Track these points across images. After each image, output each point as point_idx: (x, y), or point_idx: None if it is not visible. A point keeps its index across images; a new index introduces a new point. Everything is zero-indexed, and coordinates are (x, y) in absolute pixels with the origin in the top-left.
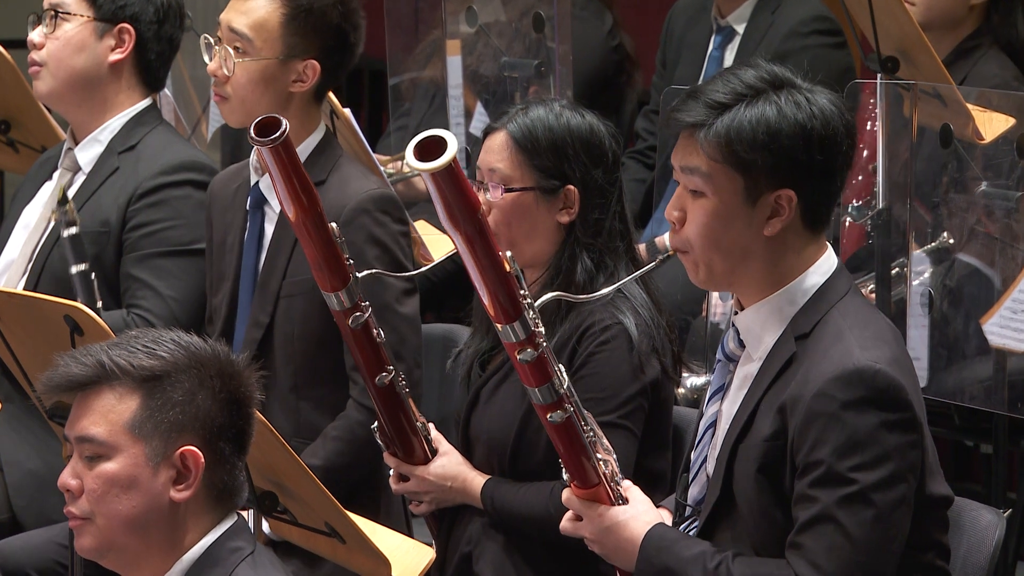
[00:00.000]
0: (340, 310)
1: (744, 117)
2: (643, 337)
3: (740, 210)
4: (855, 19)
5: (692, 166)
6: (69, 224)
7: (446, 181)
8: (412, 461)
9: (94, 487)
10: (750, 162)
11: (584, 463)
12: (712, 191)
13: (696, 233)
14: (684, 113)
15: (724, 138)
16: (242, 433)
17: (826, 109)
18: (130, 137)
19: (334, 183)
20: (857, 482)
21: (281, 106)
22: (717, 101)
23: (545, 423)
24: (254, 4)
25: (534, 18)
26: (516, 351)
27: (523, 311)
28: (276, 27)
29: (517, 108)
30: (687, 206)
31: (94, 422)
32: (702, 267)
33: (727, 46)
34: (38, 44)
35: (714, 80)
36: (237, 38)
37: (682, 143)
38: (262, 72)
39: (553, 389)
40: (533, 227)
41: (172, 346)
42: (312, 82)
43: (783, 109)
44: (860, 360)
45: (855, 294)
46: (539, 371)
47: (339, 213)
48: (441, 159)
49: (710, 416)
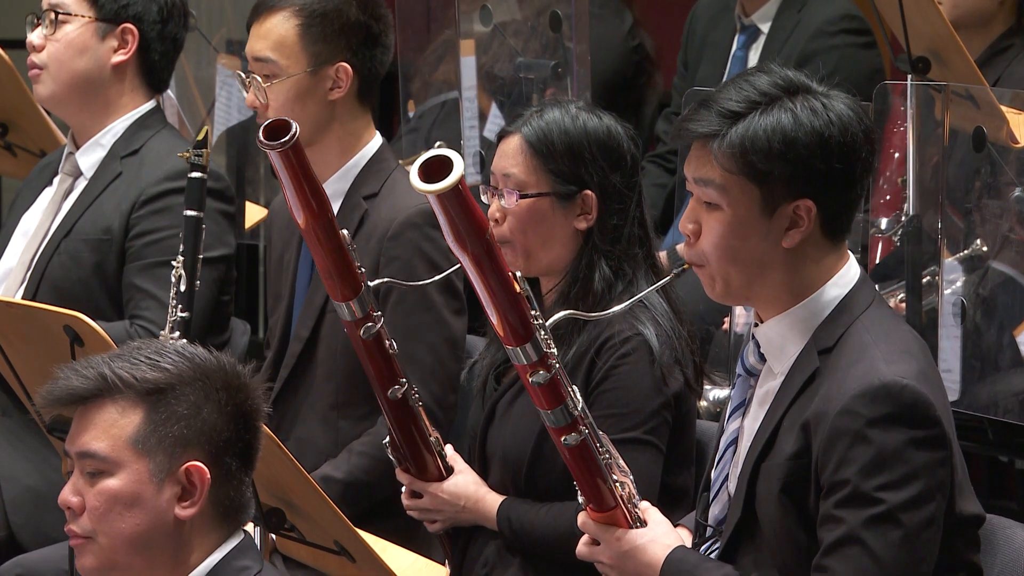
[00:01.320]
0: (351, 320)
1: (759, 126)
2: (664, 348)
3: (757, 222)
4: (884, 18)
5: (706, 178)
6: (197, 168)
7: (452, 203)
8: (425, 478)
9: (96, 504)
10: (766, 173)
11: (600, 486)
12: (727, 203)
13: (712, 246)
14: (696, 123)
15: (738, 148)
16: (249, 447)
17: (844, 115)
18: (133, 141)
19: (386, 196)
20: (884, 502)
21: (325, 117)
22: (730, 110)
23: (559, 446)
24: (269, 26)
25: (551, 17)
26: (528, 373)
27: (534, 332)
28: (295, 41)
29: (532, 111)
30: (702, 218)
31: (96, 437)
32: (719, 281)
33: (751, 46)
34: (38, 46)
35: (726, 87)
36: (263, 64)
37: (695, 154)
38: (295, 89)
39: (567, 411)
40: (549, 234)
41: (176, 357)
42: (349, 85)
43: (799, 116)
44: (886, 375)
45: (880, 305)
46: (552, 393)
47: (388, 227)
48: (447, 180)
49: (731, 433)
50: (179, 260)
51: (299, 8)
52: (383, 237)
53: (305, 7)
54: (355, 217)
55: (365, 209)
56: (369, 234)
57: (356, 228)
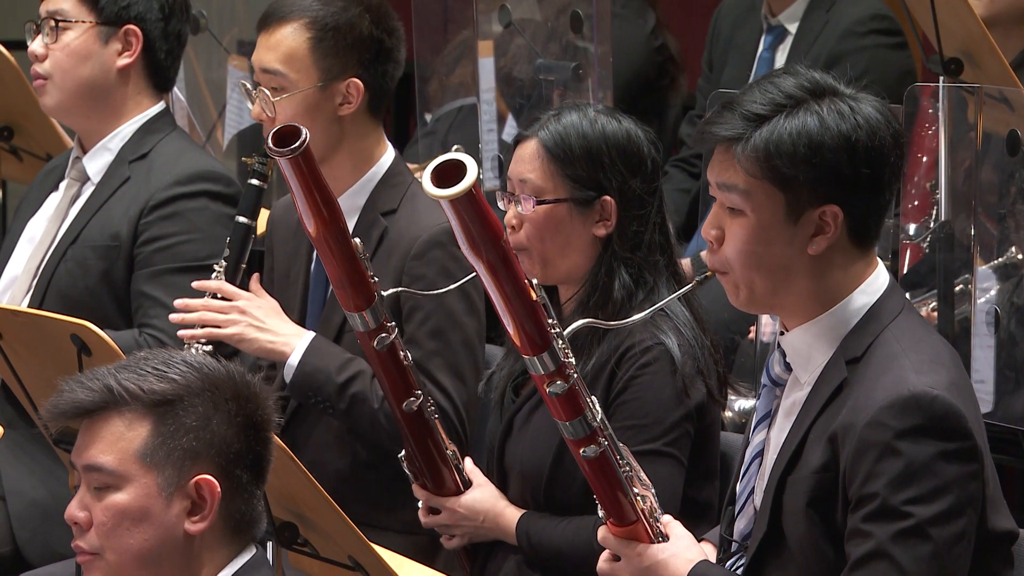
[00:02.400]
0: (365, 331)
1: (784, 129)
2: (686, 358)
3: (782, 228)
4: (915, 18)
5: (729, 183)
6: (259, 176)
7: (466, 208)
8: (443, 493)
9: (103, 520)
10: (791, 178)
11: (621, 499)
12: (751, 209)
13: (735, 253)
14: (719, 126)
15: (763, 152)
16: (260, 459)
17: (872, 118)
18: (142, 145)
19: (405, 212)
20: (913, 516)
21: (335, 133)
22: (754, 112)
23: (578, 458)
24: (279, 37)
25: (571, 17)
26: (545, 384)
27: (551, 341)
28: (306, 55)
29: (549, 114)
30: (725, 224)
31: (103, 450)
32: (743, 288)
33: (778, 47)
34: (40, 56)
35: (751, 90)
36: (271, 76)
37: (718, 158)
38: (304, 104)
39: (586, 423)
40: (567, 241)
41: (184, 368)
42: (360, 101)
43: (825, 119)
44: (916, 386)
45: (910, 313)
46: (570, 404)
47: (411, 245)
48: (460, 185)
49: (756, 445)
50: (221, 265)
51: (311, 20)
52: (406, 255)
53: (317, 20)
54: (374, 234)
55: (384, 226)
56: (390, 251)
57: (376, 245)
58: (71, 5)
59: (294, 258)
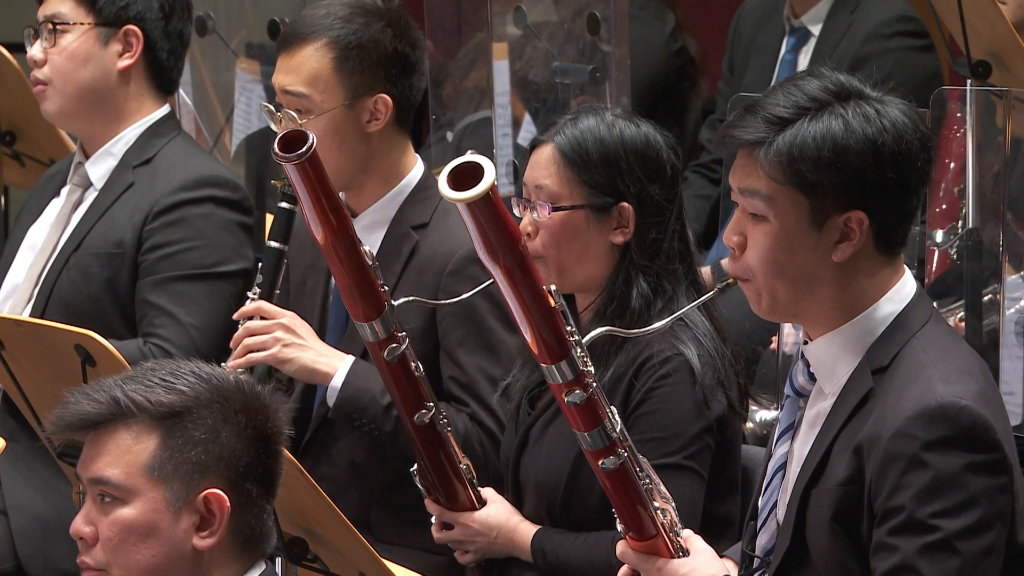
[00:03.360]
0: (374, 341)
1: (808, 133)
2: (706, 369)
3: (805, 235)
4: (942, 20)
5: (751, 188)
6: (288, 199)
7: (483, 212)
8: (456, 508)
9: (110, 535)
10: (815, 183)
11: (640, 512)
12: (774, 215)
13: (758, 260)
14: (741, 130)
15: (786, 157)
16: (270, 473)
17: (898, 121)
18: (146, 149)
19: (438, 227)
20: (940, 529)
21: (364, 150)
22: (777, 116)
23: (596, 470)
24: (301, 59)
25: (588, 19)
26: (563, 393)
27: (570, 349)
28: (330, 75)
29: (565, 119)
30: (747, 230)
31: (109, 463)
32: (765, 296)
33: (801, 49)
34: (39, 61)
35: (774, 92)
36: (295, 99)
37: (740, 162)
38: (331, 124)
39: (605, 433)
40: (584, 249)
41: (192, 379)
42: (388, 116)
43: (851, 123)
44: (943, 396)
45: (937, 322)
46: (589, 414)
47: (446, 261)
48: (477, 188)
49: (779, 457)
50: (255, 292)
51: (333, 40)
52: (441, 272)
53: (340, 39)
54: (404, 248)
55: (416, 240)
56: (423, 267)
57: (407, 259)
58: (68, 8)
59: (312, 270)
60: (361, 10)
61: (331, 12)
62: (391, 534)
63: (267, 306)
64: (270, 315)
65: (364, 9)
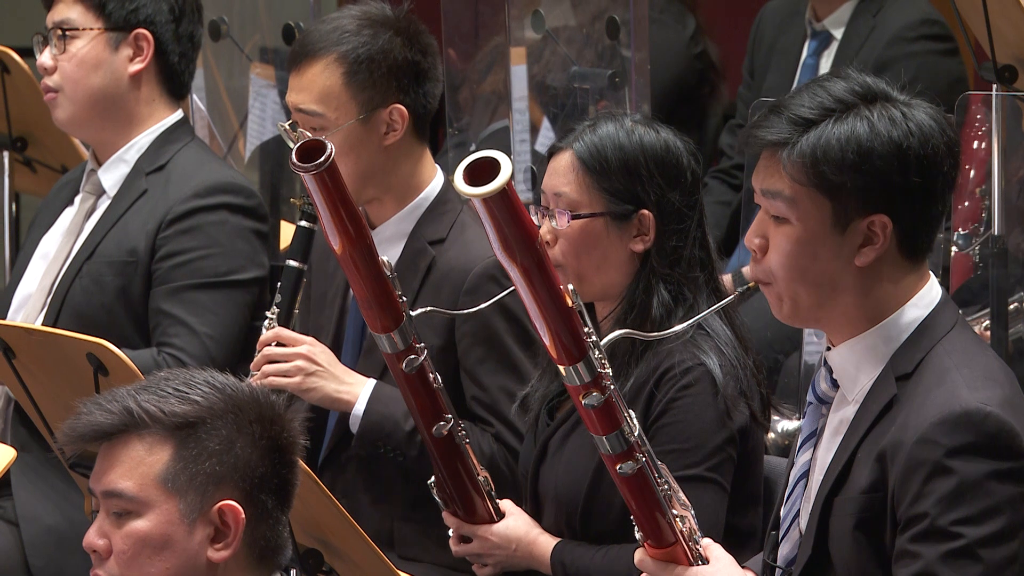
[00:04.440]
0: (392, 353)
1: (832, 135)
2: (728, 379)
3: (828, 238)
4: (967, 23)
5: (774, 189)
6: (308, 218)
7: (499, 208)
8: (474, 520)
9: (123, 548)
10: (839, 185)
11: (659, 519)
12: (797, 217)
13: (779, 263)
14: (765, 130)
15: (810, 158)
16: (285, 484)
17: (925, 125)
18: (159, 156)
19: (455, 242)
20: (963, 537)
21: (382, 163)
22: (802, 117)
23: (614, 475)
24: (311, 77)
25: (608, 23)
26: (580, 395)
27: (587, 351)
28: (342, 91)
29: (584, 125)
30: (769, 233)
31: (122, 475)
32: (786, 300)
33: (823, 53)
34: (49, 68)
35: (799, 93)
36: (309, 117)
37: (763, 163)
38: (347, 140)
39: (623, 437)
40: (604, 257)
41: (206, 389)
42: (405, 127)
43: (876, 126)
44: (968, 402)
45: (962, 329)
46: (607, 417)
47: (462, 278)
48: (494, 183)
49: (802, 466)
50: (273, 312)
51: (342, 55)
52: (457, 289)
53: (348, 53)
54: (421, 264)
55: (432, 256)
56: (439, 283)
57: (424, 275)
58: (77, 13)
59: (332, 280)
60: (368, 21)
61: (338, 26)
62: (414, 551)
63: (287, 333)
64: (290, 342)
65: (371, 20)
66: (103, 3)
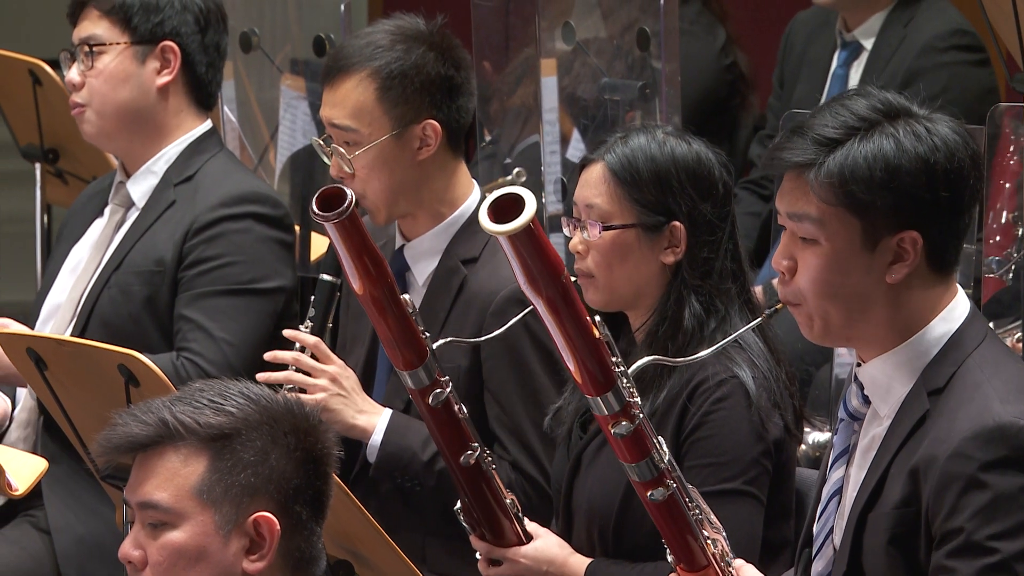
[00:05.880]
0: (417, 389)
1: (859, 153)
2: (761, 391)
3: (858, 256)
4: (998, 33)
5: (801, 212)
6: None
7: (524, 244)
8: (503, 543)
9: (159, 559)
10: (868, 204)
11: (691, 543)
12: (826, 237)
13: (809, 283)
14: (790, 152)
15: (838, 178)
16: (320, 495)
17: (949, 139)
18: (187, 167)
19: (487, 263)
20: (999, 552)
21: (416, 177)
22: (826, 136)
23: (645, 502)
24: (344, 91)
25: (638, 34)
26: (609, 424)
27: (615, 380)
28: (375, 107)
29: (616, 137)
30: (797, 254)
31: (158, 486)
32: (817, 320)
33: (853, 63)
34: (77, 84)
35: (821, 113)
36: (343, 132)
37: (788, 186)
38: (381, 155)
39: (652, 464)
40: (635, 268)
41: (241, 400)
42: (438, 142)
43: (902, 142)
44: (1001, 416)
45: (993, 342)
46: (636, 446)
47: (489, 300)
48: (518, 220)
49: (835, 483)
50: (307, 326)
51: (375, 70)
52: (484, 311)
53: (381, 68)
54: (453, 283)
55: (464, 275)
56: (468, 303)
57: (455, 295)
58: (103, 29)
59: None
60: (401, 36)
61: (372, 41)
62: (446, 566)
63: (324, 348)
64: (322, 358)
65: (404, 35)
66: (129, 17)
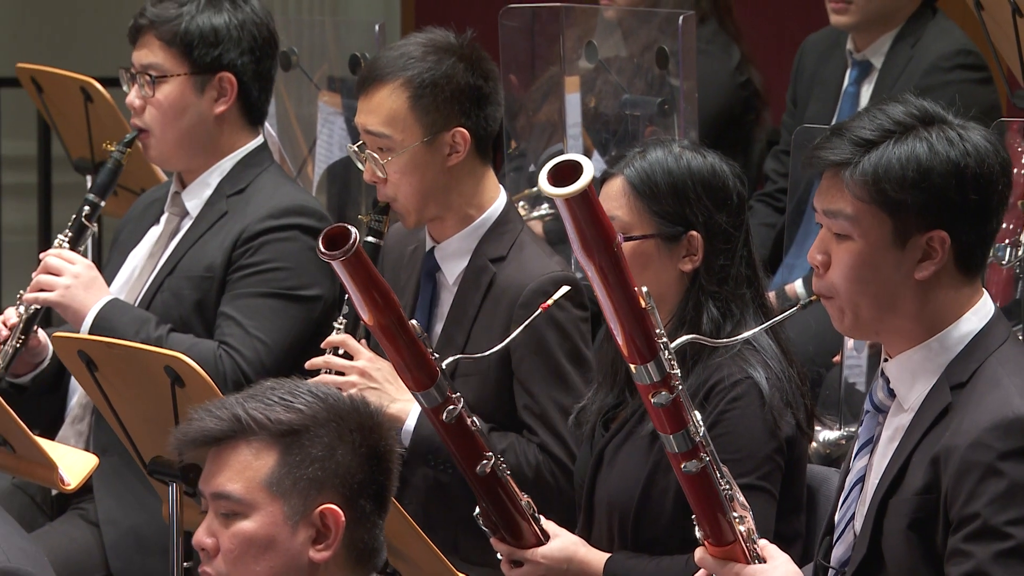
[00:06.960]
0: (431, 407)
1: (893, 154)
2: (774, 391)
3: (889, 253)
4: (1000, 53)
5: (836, 209)
6: (374, 233)
7: (581, 208)
8: (522, 544)
9: (231, 547)
10: (899, 202)
11: (719, 519)
12: (858, 233)
13: (842, 277)
14: (828, 151)
15: (872, 176)
16: (383, 489)
17: (980, 146)
18: (240, 180)
19: (514, 260)
20: (1014, 537)
21: (445, 183)
22: (863, 138)
23: (679, 473)
24: (378, 100)
25: (657, 53)
26: (650, 394)
27: (658, 351)
28: (407, 114)
29: (634, 151)
30: (831, 249)
31: (230, 478)
32: (848, 313)
33: (863, 82)
34: (138, 108)
35: (860, 116)
36: (376, 139)
37: (825, 184)
38: (412, 161)
39: (688, 437)
40: (655, 277)
41: (309, 398)
42: (467, 149)
43: (935, 146)
44: (1020, 408)
45: (1015, 341)
46: (674, 416)
47: (518, 293)
48: (576, 184)
49: (858, 471)
50: (340, 322)
51: (407, 80)
52: (513, 303)
53: (414, 78)
54: (483, 280)
55: (493, 272)
56: (498, 298)
57: (485, 292)
58: (164, 58)
59: (402, 290)
60: (433, 48)
61: (405, 52)
62: (478, 555)
63: (352, 342)
64: (352, 352)
65: (436, 47)
66: (190, 50)
